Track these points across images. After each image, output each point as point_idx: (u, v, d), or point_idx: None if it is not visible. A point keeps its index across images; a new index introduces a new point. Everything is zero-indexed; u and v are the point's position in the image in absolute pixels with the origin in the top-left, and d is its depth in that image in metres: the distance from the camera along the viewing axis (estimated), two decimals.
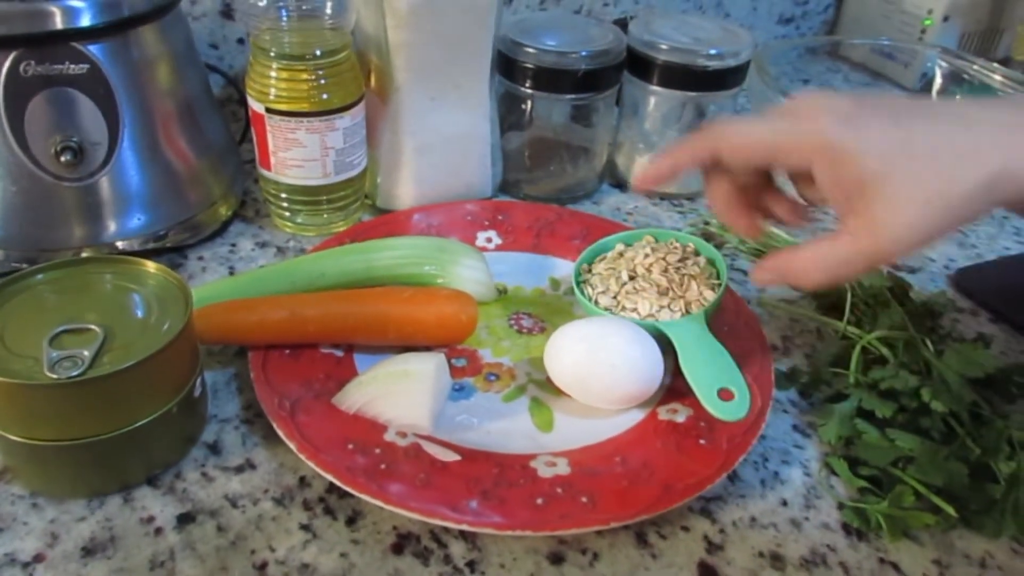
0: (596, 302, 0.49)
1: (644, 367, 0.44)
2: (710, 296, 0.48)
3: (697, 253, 0.52)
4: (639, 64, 0.64)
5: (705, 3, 0.88)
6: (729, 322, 0.51)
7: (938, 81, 0.80)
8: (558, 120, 0.65)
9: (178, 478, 0.41)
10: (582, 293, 0.50)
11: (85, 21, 0.48)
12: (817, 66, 0.95)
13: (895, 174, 0.34)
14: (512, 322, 0.53)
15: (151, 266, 0.42)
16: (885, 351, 0.48)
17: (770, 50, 0.74)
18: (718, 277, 0.50)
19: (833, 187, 0.36)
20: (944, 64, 0.79)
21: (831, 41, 0.86)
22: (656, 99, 0.64)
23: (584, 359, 0.44)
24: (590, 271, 0.52)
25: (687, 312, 0.48)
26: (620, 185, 0.70)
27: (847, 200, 0.36)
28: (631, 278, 0.49)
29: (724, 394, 0.42)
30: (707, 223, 0.64)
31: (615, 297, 0.49)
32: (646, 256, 0.50)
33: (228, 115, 0.71)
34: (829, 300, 0.54)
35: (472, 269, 0.53)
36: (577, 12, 0.83)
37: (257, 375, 0.45)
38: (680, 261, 0.50)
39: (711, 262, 0.51)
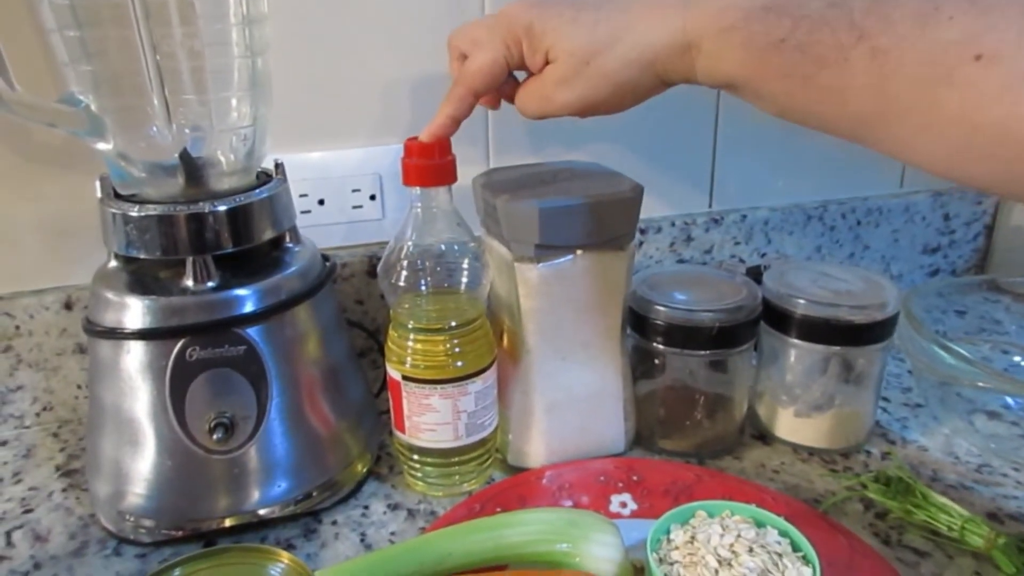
0: None
1: None
2: (808, 572, 0.44)
3: (761, 524, 0.47)
4: (776, 316, 0.62)
5: (843, 237, 0.86)
6: None
7: None
8: (692, 371, 0.63)
9: None
10: None
11: (248, 307, 0.53)
12: (972, 295, 0.89)
13: (561, 44, 0.46)
14: None
15: (284, 556, 0.42)
16: None
17: (916, 293, 0.70)
18: (795, 548, 0.46)
19: (530, 57, 0.49)
20: None
21: (984, 280, 0.81)
22: (797, 352, 0.62)
23: None
24: (661, 560, 0.46)
25: None
26: (762, 437, 0.66)
27: (540, 65, 0.49)
28: (720, 563, 0.45)
29: None
30: (864, 486, 0.58)
31: None
32: (721, 536, 0.46)
33: (368, 364, 0.74)
34: None
35: (606, 547, 0.49)
36: (704, 263, 0.83)
37: None
38: (756, 536, 0.46)
39: (783, 533, 0.46)
